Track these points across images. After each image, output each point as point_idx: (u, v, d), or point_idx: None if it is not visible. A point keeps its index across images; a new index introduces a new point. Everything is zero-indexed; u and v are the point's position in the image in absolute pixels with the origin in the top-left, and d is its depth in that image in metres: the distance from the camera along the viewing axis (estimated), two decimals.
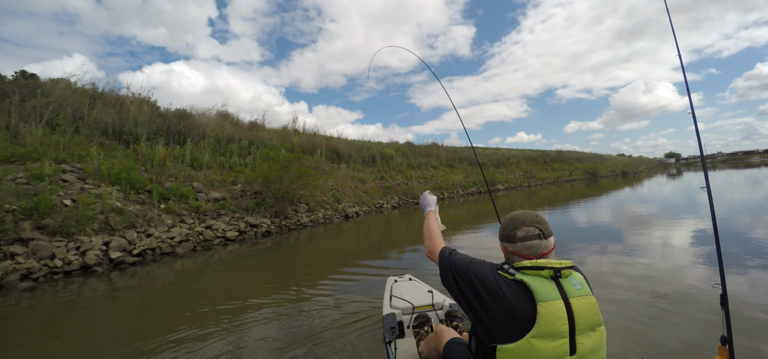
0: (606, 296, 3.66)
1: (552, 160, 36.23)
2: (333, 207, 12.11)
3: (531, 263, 1.10)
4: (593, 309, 1.06)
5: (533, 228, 1.15)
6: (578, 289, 1.07)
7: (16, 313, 4.11)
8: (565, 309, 1.02)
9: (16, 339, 3.46)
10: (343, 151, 17.73)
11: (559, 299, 1.03)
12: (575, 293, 1.06)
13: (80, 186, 6.70)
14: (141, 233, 6.46)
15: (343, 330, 3.11)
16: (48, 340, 3.34)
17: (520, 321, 1.02)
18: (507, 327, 1.03)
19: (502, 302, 1.05)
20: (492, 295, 1.07)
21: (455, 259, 1.24)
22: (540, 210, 11.96)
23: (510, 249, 1.19)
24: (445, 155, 26.32)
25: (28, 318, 3.93)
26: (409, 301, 2.56)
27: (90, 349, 3.16)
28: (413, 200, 17.40)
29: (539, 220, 1.18)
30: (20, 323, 3.80)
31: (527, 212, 1.22)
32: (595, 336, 1.05)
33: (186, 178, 8.77)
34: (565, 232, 7.55)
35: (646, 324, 2.97)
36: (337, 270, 5.48)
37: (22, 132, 7.18)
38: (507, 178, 27.10)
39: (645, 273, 4.37)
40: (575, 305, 1.04)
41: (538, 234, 1.15)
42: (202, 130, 11.22)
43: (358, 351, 2.70)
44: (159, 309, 4.08)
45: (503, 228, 1.24)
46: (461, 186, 22.14)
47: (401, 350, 2.08)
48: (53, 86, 8.96)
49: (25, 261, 4.91)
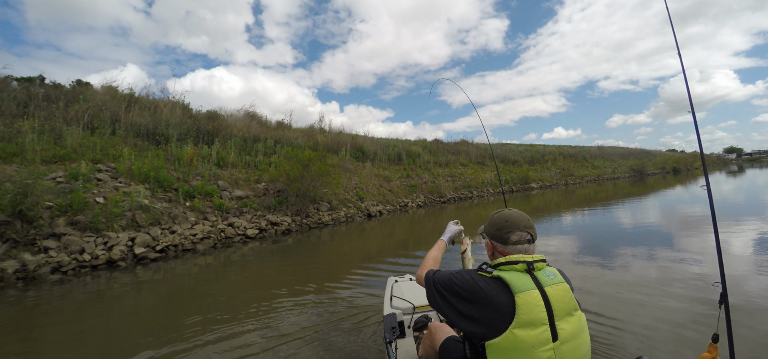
0: (653, 303, 3.32)
1: (592, 156, 33.91)
2: (356, 205, 12.01)
3: (505, 259, 1.17)
4: (567, 295, 1.12)
5: (526, 234, 1.22)
6: (551, 279, 1.14)
7: (49, 301, 4.39)
8: (541, 297, 1.08)
9: (52, 318, 3.82)
10: (368, 149, 17.63)
11: (534, 288, 1.09)
12: (549, 282, 1.12)
13: (113, 184, 7.07)
14: (165, 230, 6.69)
15: (349, 329, 3.14)
16: (81, 322, 3.66)
17: (502, 315, 1.07)
18: (492, 322, 1.08)
19: (483, 299, 1.11)
20: (475, 295, 1.13)
21: (438, 277, 1.28)
22: (578, 211, 11.14)
23: (499, 249, 1.26)
24: (476, 152, 25.46)
25: (61, 306, 4.19)
26: (409, 301, 2.55)
27: (123, 333, 3.37)
28: (440, 199, 16.95)
29: (531, 225, 1.26)
30: (54, 310, 4.07)
31: (520, 215, 1.26)
32: (574, 321, 1.11)
33: (211, 177, 9.03)
34: (606, 235, 6.89)
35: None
36: (359, 267, 5.42)
37: (64, 134, 7.71)
38: (542, 175, 25.68)
39: (697, 277, 3.78)
40: (550, 293, 1.10)
41: (529, 239, 1.23)
42: (229, 130, 11.56)
43: (359, 351, 2.73)
44: (185, 302, 4.22)
45: (496, 227, 1.27)
46: (492, 185, 21.27)
47: (402, 350, 2.10)
48: (94, 92, 9.59)
49: (57, 255, 5.21)
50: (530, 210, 12.53)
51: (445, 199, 17.32)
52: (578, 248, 5.97)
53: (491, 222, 1.32)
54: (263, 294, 4.32)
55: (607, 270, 4.61)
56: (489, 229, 1.31)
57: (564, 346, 1.07)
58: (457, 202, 17.31)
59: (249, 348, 2.88)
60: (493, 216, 1.33)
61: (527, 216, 1.28)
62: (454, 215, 13.00)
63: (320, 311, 3.65)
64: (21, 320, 3.82)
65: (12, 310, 4.12)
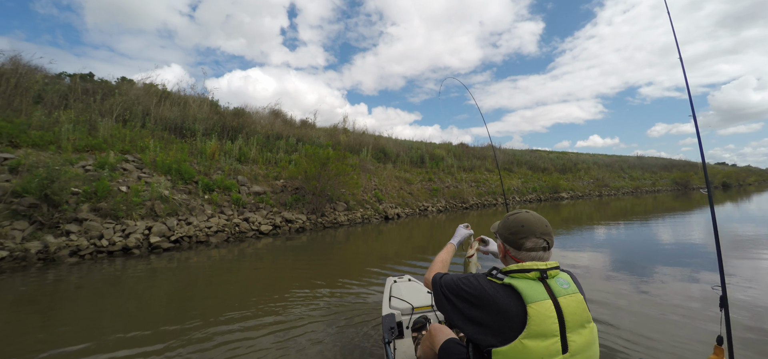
0: (691, 325, 3.02)
1: (631, 166, 31.76)
2: (373, 207, 11.85)
3: (517, 266, 1.12)
4: (581, 306, 1.08)
5: (542, 241, 1.16)
6: (565, 288, 1.09)
7: (67, 281, 4.61)
8: (554, 308, 1.04)
9: (70, 296, 4.05)
10: (390, 150, 17.46)
11: (547, 299, 1.05)
12: (563, 292, 1.08)
13: (137, 174, 7.35)
14: (182, 221, 6.85)
15: (350, 328, 3.13)
16: (99, 303, 3.86)
17: (512, 324, 1.04)
18: (500, 329, 1.05)
19: (492, 307, 1.07)
20: (483, 301, 1.09)
21: (445, 280, 1.26)
22: (612, 224, 10.34)
23: (512, 254, 1.20)
24: (502, 158, 24.60)
25: (79, 287, 4.41)
26: (408, 302, 2.54)
27: (138, 315, 3.51)
28: (462, 204, 16.44)
29: (548, 231, 1.19)
30: (73, 289, 4.30)
31: (537, 220, 1.20)
32: (586, 333, 1.07)
33: (232, 171, 9.21)
34: (642, 251, 6.31)
35: None
36: (375, 268, 5.32)
37: (98, 125, 8.14)
38: (573, 185, 24.34)
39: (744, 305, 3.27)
40: (563, 303, 1.06)
41: (545, 247, 1.17)
42: (253, 127, 11.80)
43: (360, 351, 2.72)
44: (199, 291, 4.32)
45: (510, 231, 1.21)
46: (518, 192, 20.41)
47: (400, 350, 2.09)
48: (129, 87, 10.10)
49: (77, 239, 5.43)
50: (559, 221, 11.84)
51: (468, 205, 16.79)
52: (611, 263, 5.53)
53: (506, 224, 1.24)
54: (272, 289, 4.33)
55: (640, 287, 4.23)
56: (503, 232, 1.24)
57: (574, 358, 1.04)
58: (480, 209, 16.72)
59: (247, 343, 2.88)
60: (508, 218, 1.25)
61: (545, 221, 1.21)
62: (475, 222, 12.53)
63: (328, 310, 3.60)
64: (41, 297, 4.04)
65: (33, 287, 4.34)
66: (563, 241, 7.80)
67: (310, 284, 4.52)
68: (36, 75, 8.39)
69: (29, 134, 6.81)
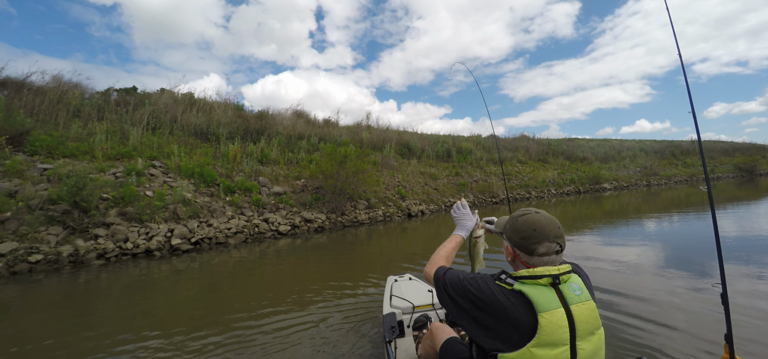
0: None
1: (684, 152, 28.79)
2: (396, 204, 11.60)
3: (528, 272, 1.07)
4: (593, 314, 1.05)
5: (555, 245, 1.11)
6: (578, 295, 1.06)
7: (97, 282, 4.86)
8: (566, 317, 1.01)
9: (102, 296, 4.30)
10: (414, 145, 17.09)
11: (559, 307, 1.01)
12: (575, 299, 1.05)
13: (163, 179, 7.66)
14: (203, 223, 7.03)
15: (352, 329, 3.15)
16: (129, 302, 4.07)
17: (521, 332, 1.01)
18: (508, 336, 1.03)
19: (501, 313, 1.04)
20: (490, 306, 1.05)
21: (449, 276, 1.21)
22: (664, 216, 9.33)
23: (523, 259, 1.14)
24: (536, 149, 23.29)
25: (109, 287, 4.64)
26: (409, 301, 2.54)
27: (171, 312, 3.78)
28: (491, 199, 15.72)
29: (561, 234, 1.13)
30: (104, 290, 4.53)
31: (549, 222, 1.13)
32: (594, 340, 1.05)
33: (253, 173, 9.37)
34: (699, 246, 5.66)
35: None
36: (400, 266, 5.19)
37: (129, 135, 8.60)
38: (617, 175, 22.50)
39: None
40: (576, 312, 1.03)
41: (558, 250, 1.11)
42: (275, 128, 11.99)
43: (359, 351, 2.74)
44: (225, 290, 4.50)
45: (520, 235, 1.14)
46: (554, 185, 19.19)
47: (401, 349, 2.10)
48: (158, 96, 10.62)
49: (104, 243, 5.71)
50: (600, 214, 10.89)
51: (498, 200, 16.01)
52: (663, 259, 5.08)
53: (515, 227, 1.16)
54: (295, 288, 4.41)
55: (696, 284, 3.92)
56: (512, 236, 1.16)
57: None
58: (511, 203, 15.88)
59: (247, 340, 3.00)
60: (517, 220, 1.16)
61: (557, 222, 1.14)
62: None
63: (351, 309, 3.64)
64: (75, 297, 4.32)
65: (66, 288, 4.62)
66: (607, 236, 7.19)
67: (334, 283, 4.55)
68: (74, 91, 9.03)
69: (67, 145, 7.31)
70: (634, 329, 2.90)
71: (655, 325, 2.94)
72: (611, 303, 3.50)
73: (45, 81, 8.82)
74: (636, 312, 3.23)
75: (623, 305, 3.43)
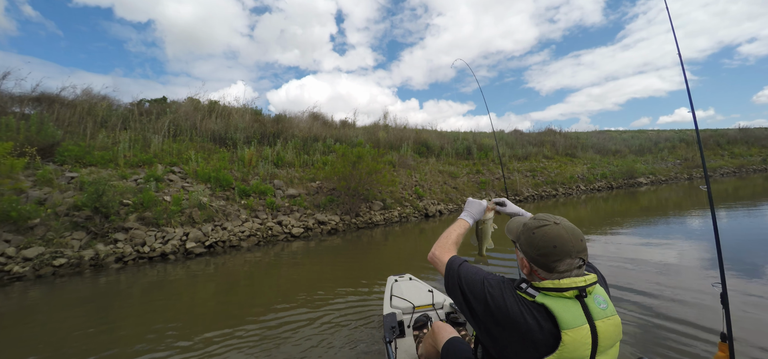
0: None
1: (731, 142, 26.40)
2: (413, 204, 11.37)
3: (553, 285, 0.98)
4: (617, 330, 1.00)
5: (578, 261, 1.00)
6: (603, 309, 1.00)
7: (117, 283, 5.07)
8: (591, 334, 0.95)
9: (123, 297, 4.54)
10: (433, 143, 16.76)
11: (585, 324, 0.95)
12: (601, 314, 0.99)
13: (181, 184, 7.90)
14: (217, 226, 7.16)
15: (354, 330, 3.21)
16: (152, 301, 4.33)
17: (539, 347, 0.95)
18: (523, 350, 0.97)
19: (520, 327, 0.96)
20: (509, 319, 0.98)
21: (465, 271, 1.13)
22: (708, 213, 8.52)
23: (542, 276, 1.03)
24: (563, 143, 22.21)
25: (129, 289, 4.86)
26: (409, 301, 2.54)
27: (190, 312, 3.96)
28: (515, 197, 15.10)
29: (584, 248, 1.01)
30: (124, 292, 4.75)
31: (571, 234, 1.00)
32: (613, 351, 1.01)
33: (268, 176, 9.48)
34: (754, 243, 5.32)
35: None
36: (421, 268, 5.10)
37: (151, 142, 8.96)
38: (654, 168, 21.00)
39: None
40: (600, 328, 0.97)
41: (580, 265, 1.01)
42: (291, 131, 12.12)
43: (360, 351, 2.78)
44: (241, 291, 4.72)
45: (538, 251, 1.01)
46: (583, 180, 18.18)
47: (401, 349, 2.10)
48: (179, 105, 11.02)
49: (123, 247, 5.92)
50: (636, 211, 10.16)
51: (522, 197, 15.36)
52: (709, 260, 4.77)
53: (531, 241, 1.03)
54: (309, 289, 4.47)
55: (747, 289, 3.66)
56: (529, 251, 1.04)
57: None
58: (537, 201, 15.20)
59: (248, 337, 3.13)
60: (534, 232, 1.04)
61: (579, 233, 1.03)
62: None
63: (352, 310, 3.68)
64: (97, 298, 4.53)
65: (88, 290, 4.82)
66: (646, 234, 6.75)
67: (347, 283, 4.60)
68: (102, 103, 9.53)
69: (93, 154, 7.70)
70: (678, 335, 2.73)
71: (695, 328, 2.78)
72: (650, 306, 3.34)
73: (76, 95, 9.37)
74: (680, 316, 3.03)
75: (664, 309, 3.24)
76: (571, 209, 12.21)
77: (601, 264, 4.75)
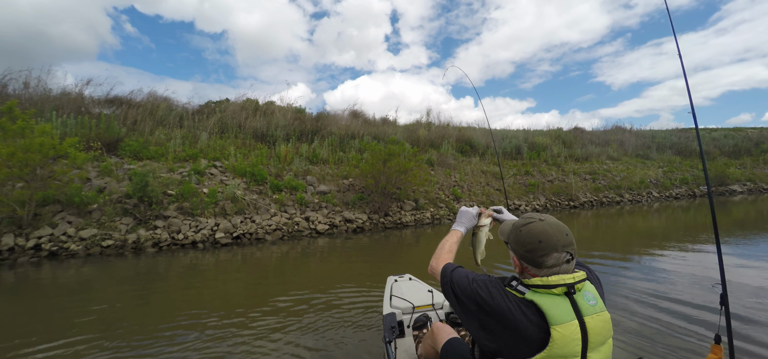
0: None
1: None
2: (448, 205, 10.84)
3: (542, 281, 1.02)
4: (607, 325, 1.03)
5: (565, 255, 1.04)
6: (592, 305, 1.03)
7: (155, 265, 5.58)
8: (580, 330, 0.98)
9: (161, 278, 5.03)
10: (477, 141, 15.87)
11: (573, 320, 0.98)
12: (590, 310, 1.01)
13: (220, 178, 8.44)
14: (247, 219, 7.49)
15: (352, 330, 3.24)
16: (189, 280, 4.90)
17: (530, 343, 0.98)
18: (515, 346, 1.00)
19: (510, 323, 1.00)
20: (499, 315, 1.02)
21: (456, 275, 1.18)
22: None
23: (531, 272, 1.08)
24: (634, 142, 19.63)
25: (167, 271, 5.34)
26: (409, 301, 2.54)
27: (222, 295, 4.33)
28: (569, 203, 13.63)
29: (570, 241, 1.06)
30: (162, 273, 5.26)
31: (557, 229, 1.06)
32: (605, 349, 1.03)
33: (302, 172, 9.73)
34: None
35: None
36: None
37: (199, 138, 9.73)
38: (752, 173, 17.49)
39: None
40: (590, 324, 1.00)
41: (568, 259, 1.05)
42: (330, 128, 12.34)
43: (359, 350, 2.80)
44: (271, 278, 5.07)
45: (526, 247, 1.07)
46: (657, 186, 15.81)
47: (401, 349, 2.11)
48: (228, 105, 11.86)
49: (161, 234, 6.45)
50: (727, 224, 8.47)
51: (578, 203, 13.81)
52: None
53: (519, 238, 1.09)
54: (310, 286, 4.51)
55: None
56: (517, 248, 1.10)
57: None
58: (596, 208, 13.55)
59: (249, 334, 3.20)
60: (520, 229, 1.10)
61: (565, 228, 1.07)
62: (585, 226, 10.17)
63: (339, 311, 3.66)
64: (140, 277, 5.04)
65: (132, 270, 5.37)
66: (742, 253, 5.69)
67: (369, 281, 4.56)
68: (162, 104, 10.61)
69: (149, 149, 8.57)
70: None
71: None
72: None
73: (142, 97, 10.56)
74: None
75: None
76: (639, 218, 10.63)
77: (687, 285, 4.20)
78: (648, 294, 3.88)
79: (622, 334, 2.94)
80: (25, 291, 4.52)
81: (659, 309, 3.49)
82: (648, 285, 4.22)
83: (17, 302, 4.13)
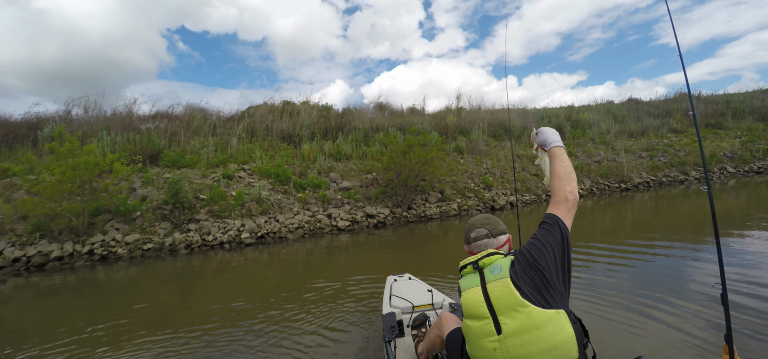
0: None
1: None
2: (477, 195, 10.35)
3: (463, 263, 1.35)
4: (506, 289, 1.17)
5: (482, 230, 1.41)
6: (495, 274, 1.22)
7: (190, 265, 6.06)
8: (483, 294, 1.22)
9: (197, 275, 5.52)
10: (512, 123, 14.93)
11: (477, 286, 1.25)
12: (492, 278, 1.22)
13: (248, 180, 8.88)
14: (271, 218, 7.80)
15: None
16: (223, 276, 5.39)
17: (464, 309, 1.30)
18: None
19: None
20: None
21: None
22: None
23: (467, 250, 1.45)
24: (705, 110, 17.18)
25: (201, 270, 5.80)
26: (408, 300, 2.58)
27: (254, 290, 4.66)
28: (619, 185, 12.33)
29: (489, 222, 1.43)
30: (197, 272, 5.73)
31: (481, 216, 1.48)
32: (521, 317, 1.13)
33: (326, 169, 9.89)
34: None
35: None
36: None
37: (230, 144, 10.32)
38: None
39: None
40: (490, 289, 1.21)
41: (487, 234, 1.40)
42: (354, 124, 12.38)
43: (359, 350, 2.86)
44: (300, 273, 5.38)
45: (464, 232, 1.49)
46: (733, 159, 13.69)
47: (401, 349, 2.15)
48: (256, 109, 12.40)
49: (193, 236, 6.96)
50: None
51: (630, 185, 12.43)
52: None
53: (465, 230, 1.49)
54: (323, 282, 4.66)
55: None
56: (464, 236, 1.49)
57: (509, 340, 1.13)
58: (655, 189, 12.09)
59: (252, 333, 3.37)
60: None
61: (487, 216, 1.47)
62: (642, 209, 9.19)
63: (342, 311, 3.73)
64: (180, 276, 5.56)
65: (171, 270, 5.89)
66: None
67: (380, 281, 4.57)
68: (197, 114, 11.40)
69: (185, 158, 9.26)
70: None
71: None
72: None
73: (180, 109, 11.44)
74: None
75: None
76: (705, 199, 9.27)
77: None
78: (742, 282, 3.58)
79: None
80: (86, 289, 5.22)
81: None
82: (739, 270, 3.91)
83: (82, 297, 4.85)
